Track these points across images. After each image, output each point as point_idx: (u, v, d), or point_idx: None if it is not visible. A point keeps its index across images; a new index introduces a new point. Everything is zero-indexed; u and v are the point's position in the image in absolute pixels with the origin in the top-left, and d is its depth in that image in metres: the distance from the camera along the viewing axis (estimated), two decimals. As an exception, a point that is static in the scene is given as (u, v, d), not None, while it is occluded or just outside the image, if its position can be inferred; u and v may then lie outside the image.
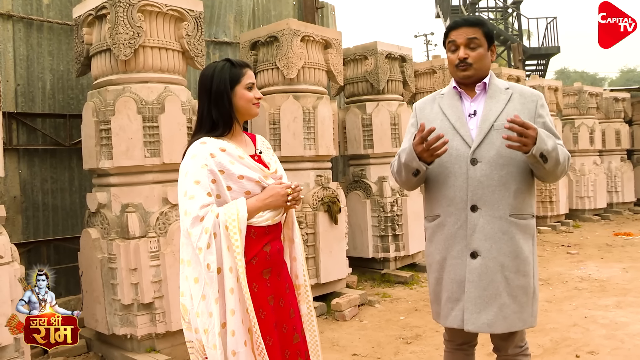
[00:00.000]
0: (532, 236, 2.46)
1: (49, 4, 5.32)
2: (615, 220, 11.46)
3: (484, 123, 2.42)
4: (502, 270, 2.38)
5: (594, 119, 11.53)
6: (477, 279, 2.38)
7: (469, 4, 19.87)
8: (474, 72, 2.45)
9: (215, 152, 2.15)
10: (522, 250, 2.40)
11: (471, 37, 2.43)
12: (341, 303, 5.23)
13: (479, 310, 2.38)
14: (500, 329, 2.38)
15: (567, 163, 2.41)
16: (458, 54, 2.45)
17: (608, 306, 5.31)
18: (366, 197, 6.66)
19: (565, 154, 2.39)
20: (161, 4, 4.23)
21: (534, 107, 2.45)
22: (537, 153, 2.22)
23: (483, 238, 2.38)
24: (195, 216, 2.08)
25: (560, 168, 2.36)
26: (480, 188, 2.38)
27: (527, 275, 2.41)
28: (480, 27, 2.46)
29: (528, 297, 2.41)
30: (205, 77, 2.26)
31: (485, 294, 2.38)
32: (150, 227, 4.15)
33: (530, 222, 2.46)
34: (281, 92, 5.49)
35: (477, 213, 2.39)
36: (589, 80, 41.91)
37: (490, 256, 2.37)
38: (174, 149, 4.19)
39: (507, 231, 2.38)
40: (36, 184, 5.17)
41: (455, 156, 2.43)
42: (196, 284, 2.12)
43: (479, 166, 2.39)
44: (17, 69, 5.07)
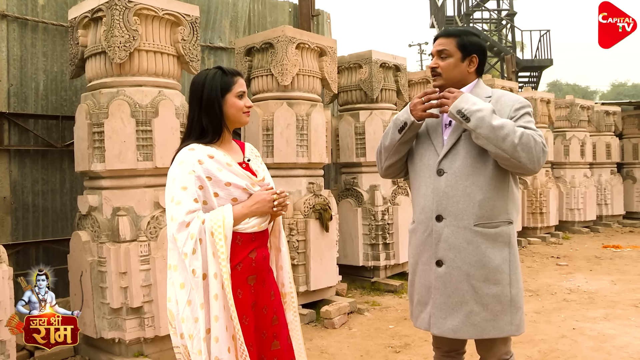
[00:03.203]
0: (508, 243, 2.44)
1: (44, 4, 5.31)
2: (604, 233, 11.54)
3: (453, 133, 2.47)
4: (468, 279, 2.41)
5: (585, 132, 11.61)
6: (442, 287, 2.44)
7: (464, 15, 19.99)
8: (444, 81, 2.52)
9: (204, 158, 2.16)
10: (490, 259, 2.40)
11: (441, 48, 2.51)
12: (331, 311, 5.23)
13: (445, 315, 2.44)
14: (467, 334, 2.43)
15: (518, 139, 2.26)
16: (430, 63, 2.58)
17: (596, 318, 5.34)
18: (357, 205, 6.67)
19: (515, 131, 2.26)
20: (157, 8, 4.24)
21: (507, 112, 2.41)
22: (454, 110, 2.32)
23: (447, 248, 2.43)
24: (181, 222, 2.09)
25: (498, 134, 2.25)
26: (445, 198, 2.43)
27: (499, 283, 2.41)
28: (455, 37, 2.50)
29: (503, 305, 2.41)
30: (197, 84, 2.28)
31: (450, 301, 2.43)
32: (141, 231, 4.14)
33: (503, 229, 2.44)
34: (275, 99, 5.50)
35: (442, 223, 2.44)
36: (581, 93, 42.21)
37: (454, 265, 2.42)
38: (166, 153, 4.19)
39: (471, 241, 2.40)
40: (27, 185, 5.14)
41: (427, 166, 2.52)
42: (182, 289, 2.12)
43: (444, 177, 2.44)
44: (10, 69, 5.06)
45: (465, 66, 2.52)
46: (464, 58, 2.51)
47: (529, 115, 2.43)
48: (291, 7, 8.11)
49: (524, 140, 2.27)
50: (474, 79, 2.56)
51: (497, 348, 2.53)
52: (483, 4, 20.15)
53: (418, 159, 2.58)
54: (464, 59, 2.51)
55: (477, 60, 2.53)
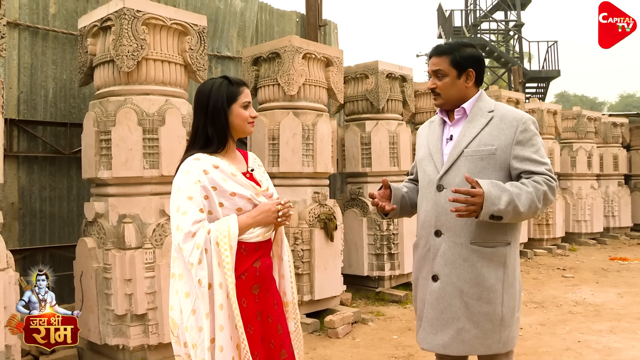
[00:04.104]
0: (503, 264, 2.42)
1: (55, 13, 5.38)
2: (611, 245, 11.46)
3: (455, 149, 2.46)
4: (461, 296, 2.41)
5: (592, 144, 11.58)
6: (435, 302, 2.45)
7: (471, 25, 20.04)
8: (443, 100, 2.54)
9: (209, 168, 2.18)
10: (485, 278, 2.39)
11: (436, 68, 2.52)
12: (335, 320, 5.22)
13: (435, 331, 2.45)
14: (456, 351, 2.43)
15: (541, 201, 2.31)
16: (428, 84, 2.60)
17: (602, 331, 5.31)
18: (363, 215, 6.68)
19: (534, 196, 2.29)
20: (165, 17, 4.29)
21: (512, 133, 2.39)
22: (486, 217, 2.25)
23: (444, 263, 2.44)
24: (187, 232, 2.10)
25: (525, 215, 2.30)
26: (444, 214, 2.43)
27: (491, 302, 2.40)
28: (447, 55, 2.49)
29: (494, 324, 2.41)
30: (203, 94, 2.29)
31: (441, 317, 2.44)
32: (147, 238, 4.17)
33: (499, 250, 2.42)
34: (281, 108, 5.53)
35: (440, 238, 2.45)
36: (589, 104, 42.11)
37: (449, 281, 2.42)
38: (173, 161, 4.21)
39: (467, 258, 2.40)
40: (34, 191, 5.19)
41: (428, 182, 2.53)
42: (187, 298, 2.13)
43: (444, 192, 2.44)
44: (20, 76, 5.12)
45: (462, 82, 2.50)
46: (460, 75, 2.49)
47: (536, 136, 2.42)
48: (298, 17, 8.16)
49: (546, 199, 2.34)
50: (474, 92, 2.55)
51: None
52: (491, 15, 20.20)
53: (422, 174, 2.60)
54: (460, 76, 2.49)
55: (474, 74, 2.52)
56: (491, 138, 2.40)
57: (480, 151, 2.39)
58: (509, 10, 20.03)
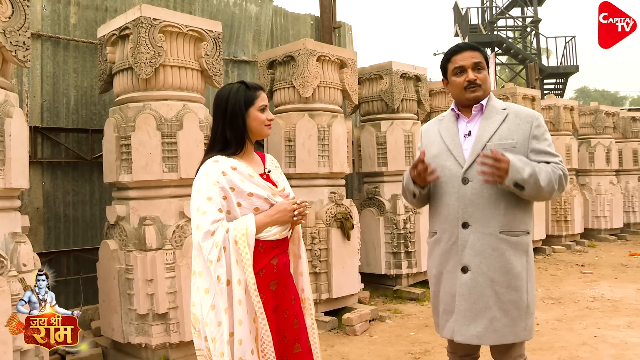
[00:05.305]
0: (526, 252, 2.55)
1: (75, 23, 5.54)
2: (632, 241, 11.36)
3: (477, 143, 2.54)
4: (492, 285, 2.48)
5: (610, 139, 11.48)
6: (467, 293, 2.50)
7: (488, 22, 19.95)
8: (483, 92, 2.60)
9: (227, 170, 2.26)
10: (513, 266, 2.49)
11: (477, 60, 2.59)
12: (352, 318, 5.30)
13: (469, 322, 2.50)
14: (489, 341, 2.49)
15: (557, 183, 2.46)
16: (466, 76, 2.58)
17: (619, 326, 5.31)
18: (380, 214, 6.74)
19: (552, 176, 2.44)
20: (181, 24, 4.40)
21: (528, 128, 2.54)
22: (511, 183, 2.36)
23: (473, 254, 2.50)
24: (206, 230, 2.19)
25: (545, 191, 2.42)
26: (471, 206, 2.51)
27: (518, 290, 2.50)
28: (481, 52, 2.63)
29: (520, 311, 2.50)
30: (221, 98, 2.38)
31: (474, 307, 2.49)
32: (167, 239, 4.28)
33: (523, 238, 2.54)
34: (297, 110, 5.62)
35: (467, 230, 2.51)
36: (610, 99, 41.56)
37: (479, 271, 2.49)
38: (191, 164, 4.32)
39: (497, 247, 2.48)
40: (58, 196, 5.35)
41: (449, 176, 2.58)
42: (206, 294, 2.22)
43: (470, 185, 2.52)
44: (43, 85, 5.28)
45: (489, 78, 2.64)
46: (488, 70, 2.65)
47: (547, 132, 2.60)
48: (313, 19, 8.25)
49: (561, 184, 2.49)
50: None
51: (514, 350, 2.60)
52: (507, 12, 20.09)
53: (440, 169, 2.62)
54: (488, 72, 2.65)
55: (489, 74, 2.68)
56: (510, 133, 2.52)
57: (502, 144, 2.49)
58: (526, 7, 19.91)
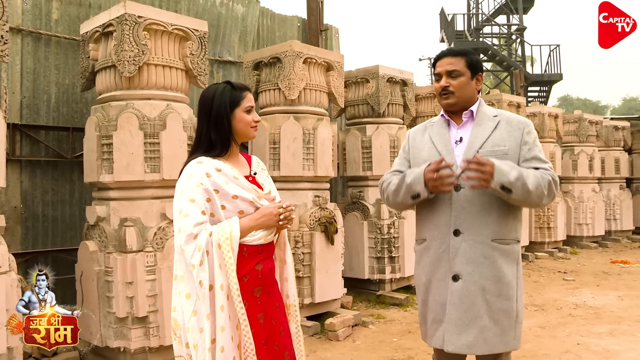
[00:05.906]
0: (516, 261, 2.52)
1: (57, 19, 5.43)
2: (613, 248, 11.48)
3: (469, 150, 2.50)
4: (483, 294, 2.44)
5: (593, 147, 11.59)
6: (458, 302, 2.45)
7: (474, 29, 20.08)
8: (456, 99, 2.55)
9: (211, 171, 2.20)
10: (505, 274, 2.46)
11: (452, 68, 2.54)
12: (335, 323, 5.25)
13: (459, 331, 2.45)
14: (480, 350, 2.45)
15: (546, 188, 2.40)
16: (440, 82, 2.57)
17: (601, 334, 5.32)
18: (364, 219, 6.70)
19: (540, 181, 2.38)
20: (167, 23, 4.33)
21: (520, 135, 2.52)
22: (497, 186, 2.32)
23: (465, 262, 2.45)
24: (189, 234, 2.12)
25: (534, 195, 2.37)
26: (463, 213, 2.46)
27: (509, 299, 2.47)
28: (463, 57, 2.56)
29: (511, 320, 2.47)
30: (206, 99, 2.32)
31: (465, 316, 2.44)
32: (148, 241, 4.20)
33: (514, 247, 2.52)
34: (282, 113, 5.57)
35: (459, 237, 2.47)
36: (592, 108, 42.06)
37: (471, 279, 2.44)
38: (174, 165, 4.25)
39: (489, 255, 2.45)
40: (37, 195, 5.23)
41: None
42: (188, 299, 2.16)
43: (462, 192, 2.47)
44: (23, 81, 5.16)
45: (474, 84, 2.58)
46: (472, 77, 2.57)
47: (537, 138, 2.58)
48: (300, 22, 8.20)
49: (550, 189, 2.43)
50: (477, 98, 2.63)
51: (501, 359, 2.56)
52: (493, 19, 20.25)
53: None
54: (473, 78, 2.57)
55: (482, 79, 2.62)
56: (502, 139, 2.50)
57: (494, 151, 2.46)
58: (511, 14, 20.07)
